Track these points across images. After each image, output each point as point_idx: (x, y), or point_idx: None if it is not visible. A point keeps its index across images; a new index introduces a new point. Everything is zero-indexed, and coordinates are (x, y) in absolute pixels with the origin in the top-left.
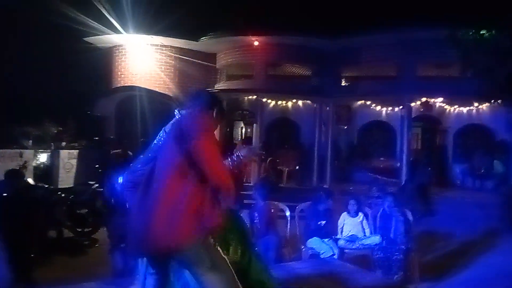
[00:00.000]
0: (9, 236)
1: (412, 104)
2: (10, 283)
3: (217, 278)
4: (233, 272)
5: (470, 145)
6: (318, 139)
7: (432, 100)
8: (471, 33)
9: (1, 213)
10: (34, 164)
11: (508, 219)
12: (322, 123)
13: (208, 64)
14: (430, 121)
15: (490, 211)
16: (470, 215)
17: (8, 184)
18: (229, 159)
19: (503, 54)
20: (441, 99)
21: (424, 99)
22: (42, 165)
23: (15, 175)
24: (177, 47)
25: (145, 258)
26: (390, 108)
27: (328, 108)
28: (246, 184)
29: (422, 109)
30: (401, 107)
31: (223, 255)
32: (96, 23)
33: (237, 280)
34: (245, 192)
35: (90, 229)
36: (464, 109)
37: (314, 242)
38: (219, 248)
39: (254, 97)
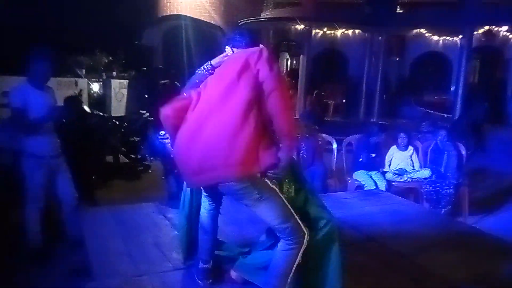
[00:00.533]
0: (71, 160)
1: (474, 33)
2: (75, 201)
3: (267, 206)
4: (283, 199)
5: None
6: (367, 71)
7: (496, 28)
8: None
9: (63, 138)
10: (88, 93)
11: None
12: (372, 55)
13: None
14: (491, 52)
15: None
16: None
17: (68, 111)
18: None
19: None
20: (506, 27)
21: (487, 27)
22: (95, 94)
23: (74, 102)
24: None
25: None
26: (447, 38)
27: (380, 38)
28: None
29: (483, 39)
30: (460, 36)
31: (272, 186)
32: None
33: (288, 205)
34: None
35: (143, 155)
36: None
37: (360, 175)
38: (267, 181)
39: (302, 26)
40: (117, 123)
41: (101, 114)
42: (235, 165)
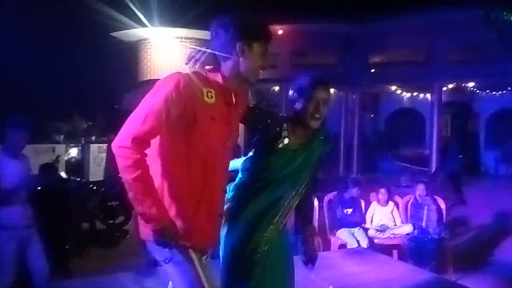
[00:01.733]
0: (45, 229)
1: (443, 89)
2: (48, 273)
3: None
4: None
5: (504, 130)
6: (345, 128)
7: (463, 84)
8: (504, 12)
9: (37, 206)
10: (66, 158)
11: None
12: (348, 112)
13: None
14: (461, 107)
15: None
16: (504, 204)
17: (42, 178)
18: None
19: None
20: (472, 83)
21: (455, 84)
22: (73, 159)
23: (50, 169)
24: (202, 39)
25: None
26: (419, 94)
27: (354, 96)
28: None
29: (452, 94)
30: (430, 92)
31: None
32: (122, 16)
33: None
34: None
35: (121, 221)
36: (497, 93)
37: (342, 233)
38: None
39: (278, 87)
40: (95, 188)
41: (78, 179)
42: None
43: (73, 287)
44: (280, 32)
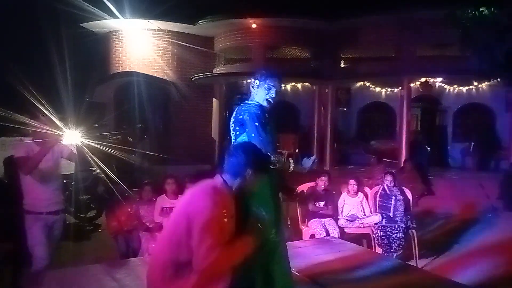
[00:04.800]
0: (12, 223)
1: (412, 85)
2: (15, 273)
3: None
4: None
5: (470, 124)
6: (318, 122)
7: (432, 80)
8: (470, 11)
9: (3, 200)
10: None
11: (507, 198)
12: (321, 106)
13: (206, 50)
14: (430, 102)
15: (489, 190)
16: (469, 195)
17: (7, 172)
18: None
19: (502, 31)
20: (440, 79)
21: (423, 79)
22: None
23: (14, 162)
24: (174, 31)
25: None
26: (389, 89)
27: (327, 90)
28: None
29: (421, 89)
30: (400, 88)
31: None
32: (92, 8)
33: None
34: None
35: (93, 214)
36: (464, 89)
37: (313, 223)
38: None
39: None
40: (65, 181)
41: None
42: None
43: (43, 280)
44: (254, 26)
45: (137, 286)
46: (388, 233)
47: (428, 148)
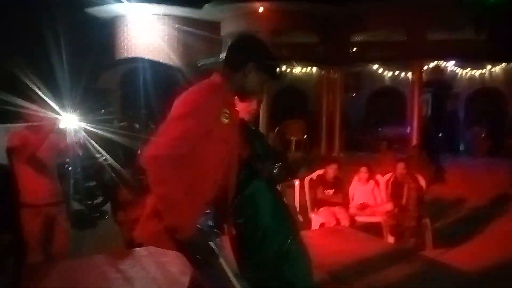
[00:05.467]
0: (13, 214)
1: (423, 68)
2: (16, 264)
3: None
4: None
5: (482, 109)
6: (326, 107)
7: (443, 63)
8: None
9: (7, 190)
10: None
11: None
12: (330, 91)
13: (212, 35)
14: (441, 86)
15: (501, 177)
16: (482, 181)
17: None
18: None
19: None
20: (452, 62)
21: (434, 63)
22: None
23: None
24: (180, 16)
25: None
26: (399, 73)
27: (336, 75)
28: None
29: (432, 74)
30: (411, 72)
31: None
32: None
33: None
34: None
35: (99, 201)
36: (476, 72)
37: (323, 212)
38: None
39: None
40: (70, 168)
41: None
42: None
43: (46, 270)
44: (261, 9)
45: (141, 278)
46: (400, 222)
47: (440, 134)
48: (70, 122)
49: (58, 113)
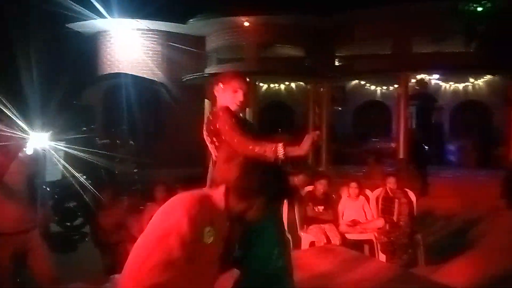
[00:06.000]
0: None
1: (409, 82)
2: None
3: None
4: None
5: (467, 122)
6: (313, 121)
7: (428, 77)
8: (471, 4)
9: None
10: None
11: (508, 196)
12: (316, 105)
13: (196, 50)
14: (426, 99)
15: (489, 189)
16: (469, 193)
17: None
18: None
19: (506, 23)
20: (436, 76)
21: (419, 77)
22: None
23: None
24: (164, 31)
25: None
26: (385, 87)
27: (322, 89)
28: None
29: (417, 87)
30: (397, 85)
31: None
32: (79, 7)
33: None
34: None
35: (79, 223)
36: (460, 86)
37: (313, 230)
38: None
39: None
40: (48, 189)
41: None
42: None
43: None
44: (246, 24)
45: None
46: (392, 238)
47: (426, 147)
48: (46, 141)
49: (27, 132)
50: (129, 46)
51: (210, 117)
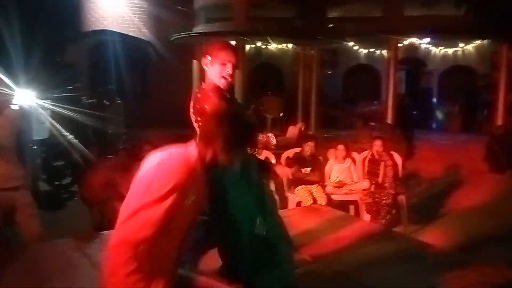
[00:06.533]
0: None
1: (399, 45)
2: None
3: None
4: None
5: (455, 87)
6: (302, 84)
7: (418, 41)
8: None
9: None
10: None
11: (492, 160)
12: (306, 68)
13: (184, 8)
14: (415, 63)
15: (474, 153)
16: (454, 157)
17: None
18: None
19: None
20: (427, 40)
21: (410, 40)
22: None
23: None
24: None
25: None
26: (375, 51)
27: (312, 51)
28: None
29: (407, 51)
30: (386, 49)
31: None
32: None
33: None
34: None
35: (68, 181)
36: (450, 50)
37: (300, 190)
38: None
39: (235, 41)
40: (35, 147)
41: None
42: None
43: (7, 256)
44: None
45: None
46: (376, 199)
47: (414, 111)
48: (32, 98)
49: (13, 89)
50: (114, 2)
51: (198, 94)
